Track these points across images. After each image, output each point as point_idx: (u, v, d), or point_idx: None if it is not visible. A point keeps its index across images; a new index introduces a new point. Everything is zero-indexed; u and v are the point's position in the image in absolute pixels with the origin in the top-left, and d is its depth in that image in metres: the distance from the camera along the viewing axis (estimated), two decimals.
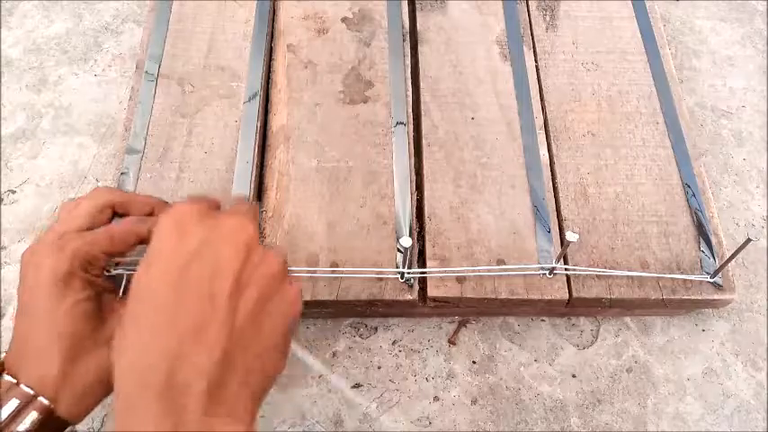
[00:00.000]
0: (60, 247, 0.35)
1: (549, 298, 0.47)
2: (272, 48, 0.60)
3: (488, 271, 0.47)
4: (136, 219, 0.39)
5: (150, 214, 0.41)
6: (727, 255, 0.47)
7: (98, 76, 0.64)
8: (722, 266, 0.47)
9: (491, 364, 0.50)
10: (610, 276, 0.48)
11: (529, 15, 0.62)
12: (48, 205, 0.56)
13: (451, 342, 0.51)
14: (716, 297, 0.48)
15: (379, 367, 0.50)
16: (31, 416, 0.32)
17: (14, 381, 0.33)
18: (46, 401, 0.33)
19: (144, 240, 0.39)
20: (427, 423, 0.48)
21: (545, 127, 0.55)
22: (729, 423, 0.48)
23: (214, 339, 0.28)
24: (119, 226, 0.39)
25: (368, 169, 0.52)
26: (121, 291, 0.45)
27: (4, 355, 0.36)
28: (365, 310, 0.50)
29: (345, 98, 0.56)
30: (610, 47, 0.60)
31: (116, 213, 0.40)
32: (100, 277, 0.38)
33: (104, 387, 0.35)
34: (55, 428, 0.34)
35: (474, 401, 0.48)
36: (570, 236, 0.42)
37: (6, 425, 0.32)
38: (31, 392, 0.33)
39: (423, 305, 0.48)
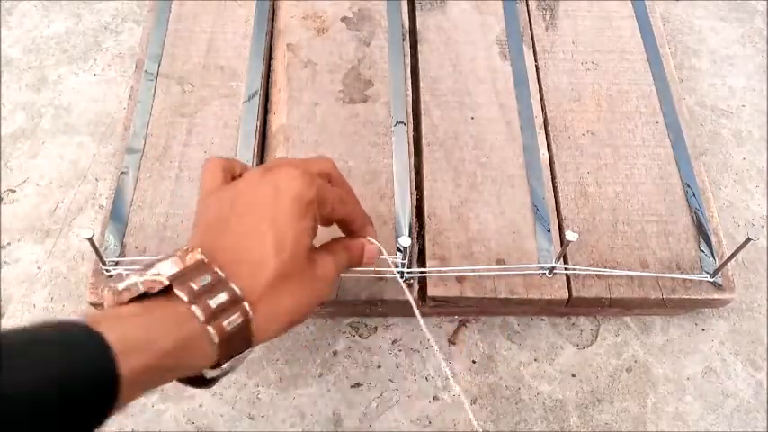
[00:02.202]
0: (310, 176, 0.35)
1: (549, 297, 0.47)
2: (271, 47, 0.60)
3: (488, 270, 0.47)
4: (357, 200, 0.41)
5: (345, 217, 0.40)
6: (727, 254, 0.47)
7: (98, 75, 0.64)
8: (722, 266, 0.47)
9: (491, 364, 0.50)
10: (609, 276, 0.48)
11: (528, 15, 0.62)
12: (47, 205, 0.56)
13: (451, 342, 0.51)
14: (715, 297, 0.48)
15: (378, 367, 0.50)
16: (236, 318, 0.31)
17: (222, 274, 0.31)
18: (249, 310, 0.31)
19: (351, 217, 0.40)
20: (427, 423, 0.48)
21: (545, 126, 0.55)
22: (729, 423, 0.48)
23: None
24: (347, 194, 0.40)
25: (367, 169, 0.52)
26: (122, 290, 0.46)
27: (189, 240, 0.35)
28: (365, 310, 0.50)
29: (345, 98, 0.56)
30: (609, 46, 0.60)
31: None
32: (318, 221, 0.37)
33: (289, 320, 0.34)
34: (241, 342, 0.32)
35: (474, 401, 0.48)
36: (570, 235, 0.42)
37: (218, 323, 0.30)
38: (239, 293, 0.31)
39: (422, 305, 0.48)
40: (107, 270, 0.46)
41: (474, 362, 0.50)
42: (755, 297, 0.54)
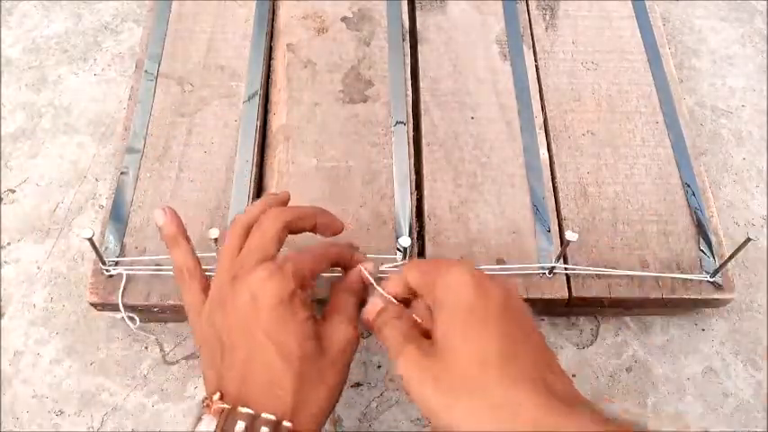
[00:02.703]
0: (279, 268, 0.35)
1: (549, 297, 0.47)
2: (271, 47, 0.60)
3: (488, 270, 0.47)
4: (328, 243, 0.41)
5: (313, 228, 0.40)
6: (727, 254, 0.47)
7: (98, 75, 0.64)
8: (722, 266, 0.47)
9: None
10: (609, 276, 0.48)
11: (528, 15, 0.62)
12: (47, 205, 0.56)
13: None
14: (715, 296, 0.48)
15: (378, 366, 0.50)
16: None
17: (251, 411, 0.32)
18: (290, 425, 0.32)
19: (335, 263, 0.40)
20: (426, 422, 0.48)
21: (545, 126, 0.55)
22: (729, 422, 0.48)
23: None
24: (317, 248, 0.40)
25: (367, 169, 0.52)
26: (121, 291, 0.46)
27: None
28: None
29: (345, 97, 0.56)
30: (609, 46, 0.60)
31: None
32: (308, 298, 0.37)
33: (329, 407, 0.35)
34: None
35: None
36: (570, 235, 0.42)
37: None
38: (275, 419, 0.32)
39: None
40: (107, 270, 0.46)
41: None
42: (755, 297, 0.54)
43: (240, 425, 0.31)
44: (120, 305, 0.45)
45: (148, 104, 0.54)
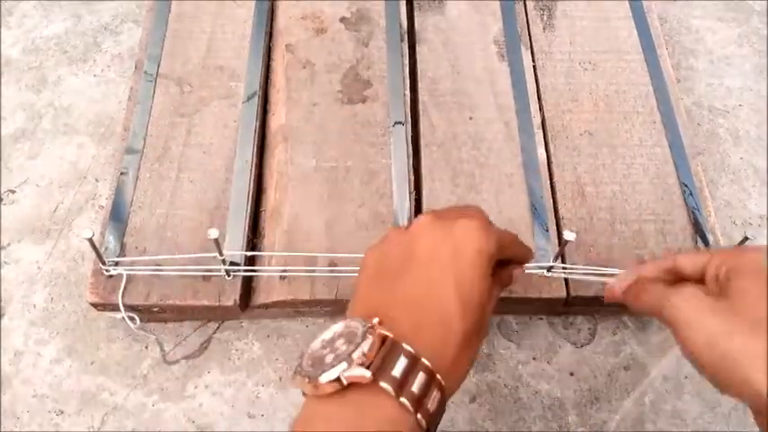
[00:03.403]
0: (489, 227, 0.34)
1: (547, 296, 0.47)
2: (270, 47, 0.60)
3: None
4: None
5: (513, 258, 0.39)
6: None
7: (97, 76, 0.64)
8: None
9: (489, 363, 0.50)
10: (607, 275, 0.48)
11: (526, 15, 0.62)
12: (47, 205, 0.56)
13: None
14: None
15: None
16: (435, 395, 0.30)
17: (412, 351, 0.30)
18: (442, 381, 0.30)
19: (517, 256, 0.39)
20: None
21: (542, 126, 0.55)
22: (727, 421, 0.49)
23: None
24: (515, 236, 0.39)
25: (366, 169, 0.52)
26: (121, 291, 0.46)
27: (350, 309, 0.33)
28: None
29: (344, 98, 0.56)
30: (607, 46, 0.60)
31: None
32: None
33: (468, 373, 0.33)
34: (441, 413, 0.31)
35: (472, 399, 0.49)
36: (568, 235, 0.42)
37: (423, 409, 0.29)
38: (432, 368, 0.30)
39: None
40: (107, 270, 0.46)
41: None
42: None
43: (402, 361, 0.29)
44: (121, 305, 0.46)
45: (148, 105, 0.54)
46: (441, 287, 0.32)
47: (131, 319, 0.47)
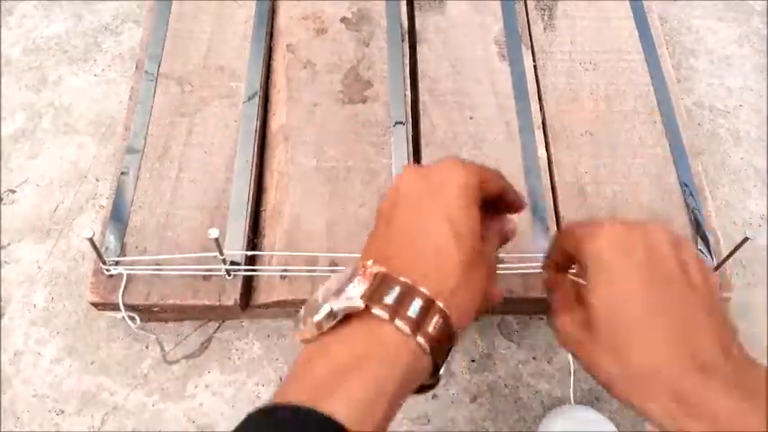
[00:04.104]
0: (466, 163, 0.35)
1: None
2: (271, 47, 0.60)
3: None
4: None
5: (498, 196, 0.39)
6: (725, 253, 0.47)
7: (98, 75, 0.64)
8: (720, 265, 0.47)
9: (490, 363, 0.50)
10: None
11: (527, 15, 0.62)
12: (48, 205, 0.56)
13: None
14: None
15: None
16: (437, 320, 0.30)
17: (407, 281, 0.30)
18: (445, 308, 0.30)
19: (504, 194, 0.38)
20: (426, 421, 0.48)
21: (543, 126, 0.55)
22: None
23: None
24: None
25: (367, 169, 0.52)
26: (121, 290, 0.46)
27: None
28: None
29: (344, 98, 0.56)
30: (607, 46, 0.60)
31: None
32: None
33: (475, 309, 0.33)
34: (447, 341, 0.31)
35: (473, 399, 0.49)
36: None
37: (424, 331, 0.29)
38: (430, 295, 0.30)
39: None
40: (107, 270, 0.46)
41: (473, 360, 0.50)
42: (754, 296, 0.54)
43: (395, 290, 0.30)
44: (121, 305, 0.46)
45: (148, 105, 0.54)
46: (430, 221, 0.33)
47: (132, 318, 0.47)
